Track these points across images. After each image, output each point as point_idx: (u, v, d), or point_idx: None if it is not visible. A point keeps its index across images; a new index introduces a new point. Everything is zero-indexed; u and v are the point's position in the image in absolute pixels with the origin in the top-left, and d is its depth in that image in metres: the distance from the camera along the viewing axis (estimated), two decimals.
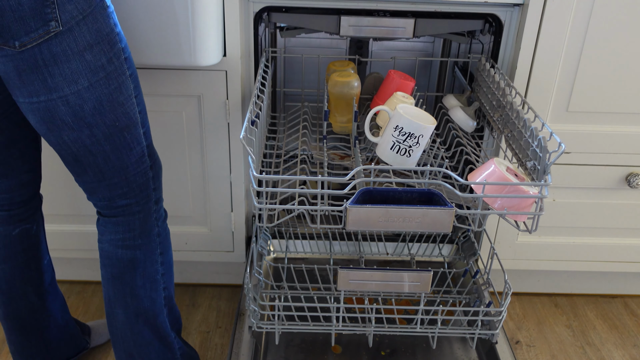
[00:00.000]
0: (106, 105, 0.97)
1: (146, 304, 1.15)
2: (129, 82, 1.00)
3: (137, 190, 1.08)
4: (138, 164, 1.06)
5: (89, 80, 0.93)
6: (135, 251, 1.11)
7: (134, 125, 1.02)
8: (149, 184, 1.09)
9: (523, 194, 0.95)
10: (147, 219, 1.11)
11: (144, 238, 1.12)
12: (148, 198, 1.10)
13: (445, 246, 1.57)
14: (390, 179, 1.05)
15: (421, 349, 1.31)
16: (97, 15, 0.92)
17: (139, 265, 1.12)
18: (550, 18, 1.30)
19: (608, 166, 1.47)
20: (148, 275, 1.14)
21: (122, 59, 0.98)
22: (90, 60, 0.93)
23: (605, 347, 1.58)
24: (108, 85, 0.96)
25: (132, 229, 1.10)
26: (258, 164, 1.11)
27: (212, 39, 1.25)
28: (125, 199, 1.08)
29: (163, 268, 1.16)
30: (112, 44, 0.95)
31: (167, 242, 1.17)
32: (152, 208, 1.11)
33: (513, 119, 1.13)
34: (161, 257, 1.15)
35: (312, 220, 1.38)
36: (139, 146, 1.05)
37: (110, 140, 1.00)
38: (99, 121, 0.97)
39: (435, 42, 1.75)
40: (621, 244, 1.59)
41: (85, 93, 0.94)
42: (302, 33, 1.50)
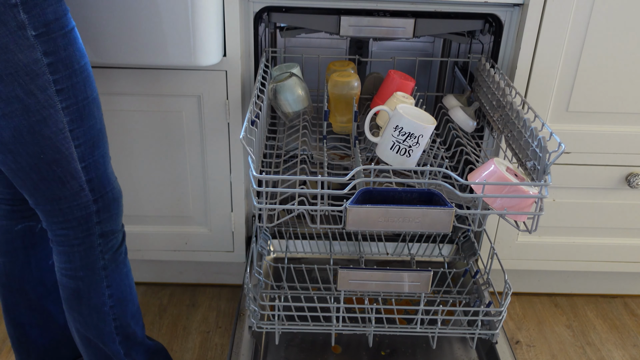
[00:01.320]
0: (27, 137, 0.90)
1: (93, 331, 1.12)
2: (59, 116, 0.91)
3: (74, 222, 1.02)
4: (74, 197, 0.99)
5: (1, 109, 0.87)
6: (77, 282, 1.07)
7: (65, 159, 0.95)
8: (91, 218, 1.03)
9: (523, 194, 0.95)
10: (89, 252, 1.05)
11: (86, 270, 1.07)
12: (89, 231, 1.04)
13: (445, 246, 1.57)
14: (390, 179, 1.05)
15: (421, 349, 1.31)
16: (9, 44, 0.84)
17: (83, 296, 1.08)
18: (550, 18, 1.30)
19: (608, 166, 1.47)
20: (93, 306, 1.09)
21: (50, 92, 0.89)
22: (2, 90, 0.86)
23: (605, 347, 1.58)
24: (27, 117, 0.89)
25: (72, 260, 1.06)
26: (258, 164, 1.11)
27: (212, 39, 1.25)
28: (62, 229, 1.03)
29: (112, 300, 1.11)
30: (33, 75, 0.87)
31: (117, 274, 1.11)
32: (96, 241, 1.05)
33: (513, 119, 1.13)
34: (109, 289, 1.10)
35: (312, 220, 1.38)
36: (73, 180, 0.98)
37: (35, 170, 0.94)
38: (21, 150, 0.92)
39: (435, 42, 1.75)
40: (621, 244, 1.59)
41: (0, 121, 0.88)
42: (302, 33, 1.50)
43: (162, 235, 1.57)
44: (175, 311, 1.64)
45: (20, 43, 0.84)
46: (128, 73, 1.34)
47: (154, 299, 1.67)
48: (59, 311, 1.29)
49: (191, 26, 1.20)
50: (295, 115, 1.31)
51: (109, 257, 1.08)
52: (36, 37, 0.85)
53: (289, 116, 1.31)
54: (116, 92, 1.36)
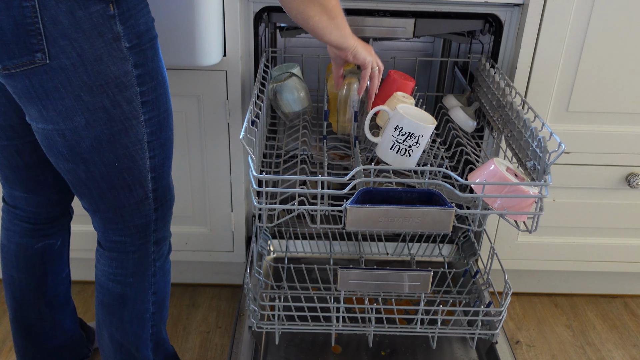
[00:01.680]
0: (105, 145, 0.90)
1: (131, 337, 1.12)
2: (140, 127, 0.92)
3: (133, 230, 1.02)
4: (138, 205, 1.00)
5: (86, 119, 0.87)
6: (125, 288, 1.07)
7: (137, 169, 0.96)
8: (149, 226, 1.04)
9: (523, 194, 0.95)
10: (143, 260, 1.06)
11: (137, 277, 1.07)
12: (146, 239, 1.05)
13: (445, 246, 1.57)
14: (390, 179, 1.05)
15: (421, 349, 1.31)
16: (103, 56, 0.83)
17: (128, 302, 1.08)
18: (550, 18, 1.30)
19: (608, 166, 1.47)
20: (136, 313, 1.09)
21: (135, 104, 0.90)
22: (88, 100, 0.85)
23: (605, 347, 1.58)
24: (110, 127, 0.89)
25: (125, 266, 1.06)
26: (258, 164, 1.11)
27: (212, 39, 1.25)
28: (119, 235, 1.03)
29: (154, 307, 1.12)
30: (122, 87, 0.87)
31: (163, 282, 1.12)
32: (151, 249, 1.06)
33: (513, 119, 1.13)
34: (154, 296, 1.11)
35: (312, 220, 1.38)
36: (141, 189, 0.98)
37: (107, 178, 0.94)
38: (97, 159, 0.91)
39: (435, 42, 1.75)
40: (621, 244, 1.59)
41: (82, 131, 0.88)
42: (302, 33, 1.50)
43: None
44: (175, 311, 1.64)
45: (115, 55, 0.84)
46: None
47: None
48: (66, 318, 1.29)
49: (191, 26, 1.20)
50: (295, 116, 1.31)
51: (159, 265, 1.09)
52: (129, 49, 0.86)
53: (289, 116, 1.31)
54: None
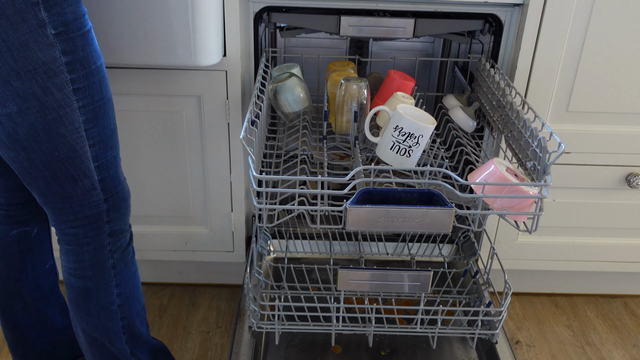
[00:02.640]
0: (42, 134, 0.91)
1: (101, 331, 1.12)
2: (75, 115, 0.92)
3: (84, 221, 1.02)
4: (85, 195, 1.00)
5: (18, 105, 0.88)
6: (86, 281, 1.07)
7: (79, 158, 0.96)
8: (101, 217, 1.03)
9: (523, 194, 0.95)
10: (99, 251, 1.06)
11: (95, 270, 1.07)
12: (99, 230, 1.04)
13: (445, 246, 1.57)
14: (390, 179, 1.05)
15: (421, 349, 1.31)
16: (29, 42, 0.85)
17: (91, 295, 1.08)
18: (550, 18, 1.30)
19: (608, 166, 1.47)
20: (101, 305, 1.09)
21: (67, 91, 0.90)
22: (18, 86, 0.87)
23: (605, 347, 1.58)
24: (44, 115, 0.90)
25: (81, 259, 1.06)
26: (258, 164, 1.11)
27: (212, 39, 1.25)
28: (71, 227, 1.03)
29: (120, 299, 1.11)
30: (51, 74, 0.88)
31: (125, 273, 1.11)
32: (105, 240, 1.06)
33: (513, 119, 1.13)
34: (117, 288, 1.10)
35: (312, 220, 1.38)
36: (86, 179, 0.98)
37: (48, 167, 0.95)
38: (35, 147, 0.92)
39: (435, 42, 1.75)
40: (621, 244, 1.59)
41: (16, 117, 0.89)
42: (302, 33, 1.50)
43: (162, 235, 1.57)
44: (175, 311, 1.64)
45: (40, 41, 0.85)
46: (128, 73, 1.35)
47: (154, 299, 1.67)
48: (56, 313, 1.29)
49: (191, 26, 1.20)
50: (296, 116, 1.31)
51: (118, 256, 1.09)
52: (55, 36, 0.86)
53: (289, 116, 1.31)
54: (116, 92, 1.36)
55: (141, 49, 1.23)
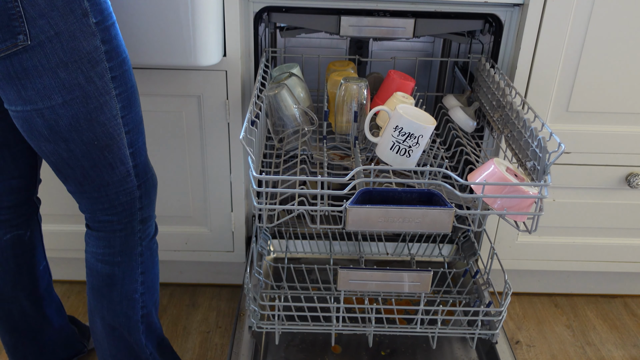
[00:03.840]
0: (83, 124, 0.94)
1: (121, 319, 1.13)
2: (113, 102, 0.96)
3: (119, 208, 1.05)
4: (121, 182, 1.03)
5: (63, 97, 0.90)
6: (114, 267, 1.09)
7: (116, 145, 0.99)
8: (134, 203, 1.06)
9: (523, 194, 0.95)
10: (130, 237, 1.09)
11: (124, 256, 1.09)
12: (132, 217, 1.07)
13: (445, 246, 1.57)
14: (390, 179, 1.05)
15: (421, 349, 1.31)
16: (76, 32, 0.88)
17: (116, 282, 1.10)
18: (550, 18, 1.30)
19: (608, 166, 1.47)
20: (125, 293, 1.12)
21: (106, 79, 0.93)
22: (65, 77, 0.89)
23: (605, 347, 1.58)
24: (86, 104, 0.93)
25: (112, 245, 1.08)
26: (258, 164, 1.11)
27: (212, 39, 1.25)
28: (106, 215, 1.06)
29: (143, 287, 1.14)
30: (93, 63, 0.91)
31: (150, 262, 1.14)
32: (137, 227, 1.09)
33: (513, 119, 1.13)
34: (142, 276, 1.13)
35: (312, 220, 1.38)
36: (122, 166, 1.01)
37: (88, 157, 0.97)
38: (76, 137, 0.95)
39: (435, 42, 1.75)
40: (621, 244, 1.59)
41: (59, 109, 0.91)
42: (302, 33, 1.50)
43: (162, 235, 1.56)
44: (175, 311, 1.64)
45: (85, 30, 0.89)
46: None
47: None
48: (53, 314, 1.29)
49: (191, 26, 1.20)
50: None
51: (146, 244, 1.12)
52: (96, 25, 0.90)
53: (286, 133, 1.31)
54: None
55: (141, 49, 1.23)
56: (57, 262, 1.68)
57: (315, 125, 1.25)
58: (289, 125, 1.24)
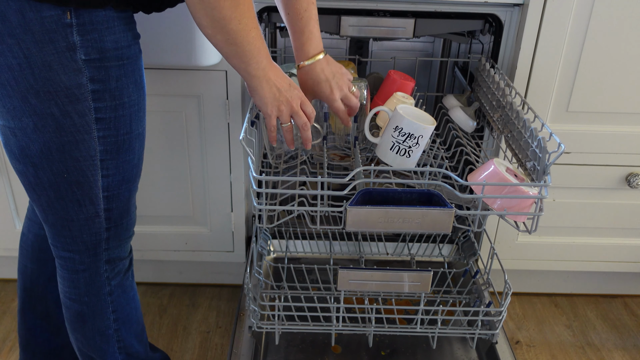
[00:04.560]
0: (55, 154, 0.88)
1: (97, 352, 1.09)
2: (92, 143, 0.89)
3: (82, 246, 0.99)
4: (87, 221, 0.96)
5: (34, 122, 0.85)
6: (82, 306, 1.04)
7: (88, 184, 0.92)
8: (100, 245, 1.00)
9: (523, 194, 0.95)
10: (95, 278, 1.02)
11: (91, 296, 1.03)
12: (96, 258, 1.00)
13: (445, 246, 1.57)
14: (390, 180, 1.05)
15: (421, 349, 1.31)
16: (52, 63, 0.81)
17: (87, 320, 1.05)
18: (550, 18, 1.30)
19: (608, 166, 1.47)
20: (97, 330, 1.06)
21: (89, 119, 0.86)
22: (36, 104, 0.83)
23: (605, 347, 1.58)
24: (59, 136, 0.87)
25: (77, 285, 1.02)
26: (258, 165, 1.11)
27: None
28: (67, 251, 1.00)
29: (117, 324, 1.08)
30: (72, 98, 0.84)
31: (124, 299, 1.07)
32: (102, 268, 1.02)
33: (513, 119, 1.13)
34: (114, 314, 1.07)
35: (312, 220, 1.38)
36: (91, 206, 0.94)
37: (55, 188, 0.92)
38: (45, 165, 0.89)
39: (435, 42, 1.75)
40: (621, 244, 1.59)
41: (31, 134, 0.86)
42: None
43: (162, 235, 1.57)
44: (175, 311, 1.64)
45: (66, 65, 0.82)
46: None
47: (154, 299, 1.67)
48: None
49: (191, 26, 1.20)
50: None
51: (116, 283, 1.05)
52: (86, 62, 0.83)
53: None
54: None
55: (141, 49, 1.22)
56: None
57: (321, 138, 1.23)
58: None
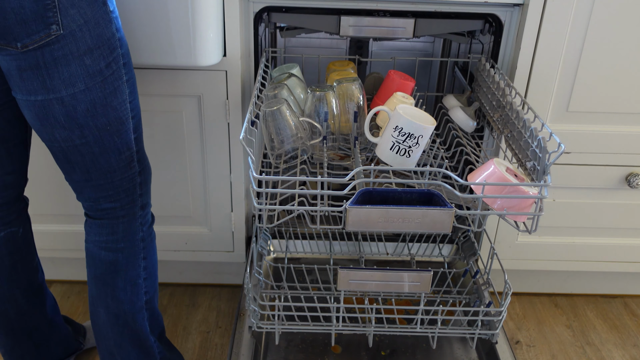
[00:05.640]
0: (99, 109, 0.98)
1: (126, 306, 1.15)
2: (124, 88, 1.00)
3: (122, 194, 1.08)
4: (126, 168, 1.06)
5: (85, 84, 0.94)
6: (117, 254, 1.12)
7: (125, 130, 1.03)
8: (136, 190, 1.10)
9: (523, 194, 0.95)
10: (132, 223, 1.11)
11: (127, 242, 1.12)
12: (133, 203, 1.10)
13: (445, 246, 1.57)
14: (390, 180, 1.05)
15: (421, 349, 1.31)
16: (100, 19, 0.92)
17: (120, 268, 1.12)
18: (550, 18, 1.30)
19: (608, 166, 1.47)
20: (129, 279, 1.14)
21: (120, 64, 0.98)
22: (90, 64, 0.94)
23: (605, 347, 1.58)
24: (103, 89, 0.97)
25: (115, 232, 1.11)
26: (258, 165, 1.11)
27: (212, 39, 1.25)
28: (110, 202, 1.08)
29: (145, 272, 1.16)
30: (112, 49, 0.96)
31: (151, 247, 1.17)
32: (138, 213, 1.12)
33: (513, 119, 1.13)
34: (144, 261, 1.15)
35: (312, 220, 1.38)
36: (128, 151, 1.05)
37: (99, 142, 1.01)
38: (91, 123, 0.98)
39: (435, 42, 1.75)
40: (621, 244, 1.59)
41: (80, 95, 0.95)
42: (302, 33, 1.50)
43: (162, 235, 1.57)
44: (175, 311, 1.64)
45: (105, 18, 0.94)
46: None
47: None
48: (49, 310, 1.29)
49: (191, 26, 1.20)
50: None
51: (146, 230, 1.15)
52: (112, 13, 0.95)
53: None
54: None
55: (141, 48, 1.23)
56: (56, 262, 1.68)
57: (320, 138, 1.23)
58: (287, 144, 1.21)
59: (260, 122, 1.14)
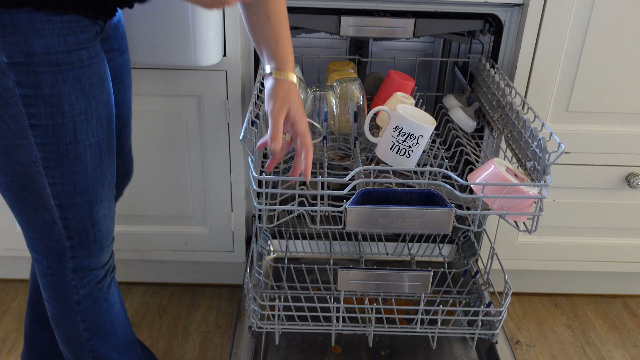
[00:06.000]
0: (2, 157, 0.89)
1: (71, 357, 1.09)
2: (31, 149, 0.87)
3: (46, 251, 0.98)
4: (46, 227, 0.95)
5: None
6: (54, 309, 1.04)
7: (37, 190, 0.91)
8: (64, 252, 0.98)
9: (523, 194, 0.95)
10: (62, 285, 1.00)
11: (59, 302, 1.02)
12: (61, 265, 0.99)
13: (445, 246, 1.57)
14: (390, 180, 1.05)
15: (421, 349, 1.31)
16: None
17: (60, 323, 1.05)
18: (550, 18, 1.30)
19: (608, 166, 1.47)
20: (69, 335, 1.06)
21: (22, 124, 0.84)
22: None
23: (605, 347, 1.58)
24: (1, 139, 0.87)
25: (47, 289, 1.02)
26: (258, 165, 1.11)
27: (212, 39, 1.25)
28: (34, 252, 0.99)
29: (87, 334, 1.05)
30: (2, 102, 0.82)
31: (94, 310, 1.04)
32: (69, 276, 1.00)
33: (513, 119, 1.13)
34: (84, 323, 1.04)
35: (312, 220, 1.38)
36: (46, 212, 0.93)
37: (11, 189, 0.92)
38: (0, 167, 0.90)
39: (435, 42, 1.75)
40: (621, 244, 1.59)
41: None
42: (302, 33, 1.50)
43: (162, 235, 1.57)
44: (175, 311, 1.64)
45: None
46: None
47: (154, 299, 1.67)
48: None
49: (191, 26, 1.20)
50: None
51: (85, 293, 1.02)
52: (9, 65, 0.80)
53: None
54: None
55: (141, 48, 1.23)
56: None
57: (320, 138, 1.23)
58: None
59: (260, 122, 1.14)
